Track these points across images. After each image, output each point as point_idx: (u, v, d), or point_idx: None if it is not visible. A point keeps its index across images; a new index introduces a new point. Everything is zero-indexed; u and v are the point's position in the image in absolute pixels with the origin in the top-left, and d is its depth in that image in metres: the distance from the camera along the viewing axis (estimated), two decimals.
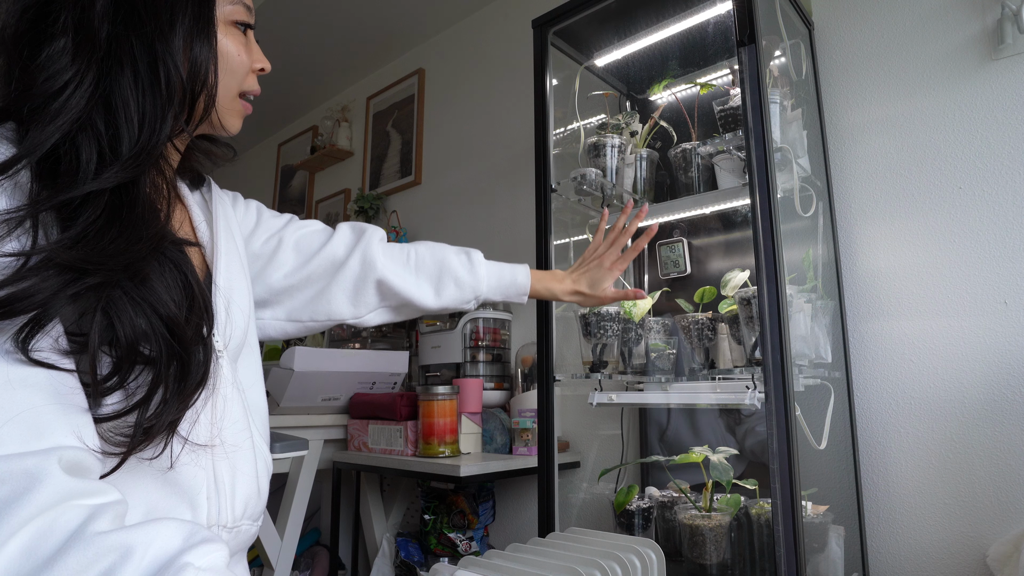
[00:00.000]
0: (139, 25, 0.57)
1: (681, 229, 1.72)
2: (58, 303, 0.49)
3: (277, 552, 1.71)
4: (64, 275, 0.50)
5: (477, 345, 2.02)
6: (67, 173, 0.53)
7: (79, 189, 0.53)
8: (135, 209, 0.56)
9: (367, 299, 0.93)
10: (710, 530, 1.29)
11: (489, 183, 2.41)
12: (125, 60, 0.57)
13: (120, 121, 0.56)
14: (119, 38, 0.57)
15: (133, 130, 0.57)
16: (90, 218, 0.53)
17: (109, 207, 0.54)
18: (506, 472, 1.71)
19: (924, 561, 1.33)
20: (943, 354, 1.36)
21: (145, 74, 0.58)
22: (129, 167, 0.56)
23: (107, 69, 0.56)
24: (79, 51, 0.55)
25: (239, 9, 0.68)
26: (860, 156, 1.52)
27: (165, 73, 0.58)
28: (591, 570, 0.78)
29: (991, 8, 1.37)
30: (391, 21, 2.71)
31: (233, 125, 0.71)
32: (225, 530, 0.64)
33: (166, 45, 0.58)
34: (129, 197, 0.56)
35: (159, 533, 0.43)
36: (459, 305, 1.01)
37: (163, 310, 0.55)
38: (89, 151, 0.54)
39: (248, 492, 0.68)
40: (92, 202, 0.54)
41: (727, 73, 1.59)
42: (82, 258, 0.50)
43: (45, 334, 0.49)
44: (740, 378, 1.28)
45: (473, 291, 1.01)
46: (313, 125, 3.40)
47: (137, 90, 0.57)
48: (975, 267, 1.34)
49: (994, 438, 1.28)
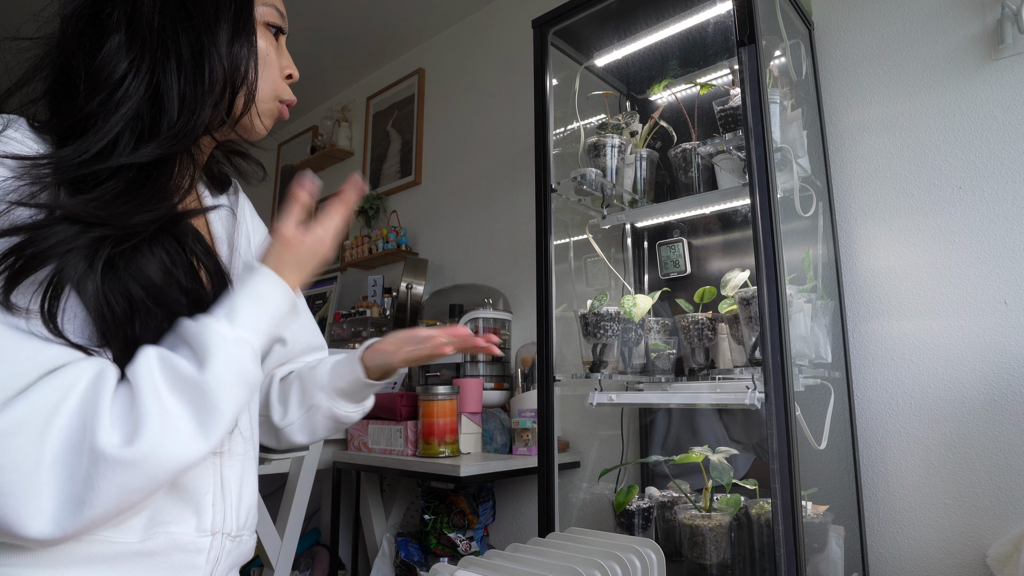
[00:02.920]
0: (187, 19, 0.61)
1: (681, 229, 1.72)
2: (70, 256, 0.52)
3: (277, 552, 1.71)
4: (75, 225, 0.52)
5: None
6: (101, 154, 0.56)
7: (114, 161, 0.56)
8: (157, 183, 0.60)
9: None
10: (710, 530, 1.29)
11: (489, 183, 2.41)
12: (171, 50, 0.61)
13: (162, 104, 0.60)
14: (166, 30, 0.61)
15: (173, 114, 0.60)
16: (112, 186, 0.56)
17: (134, 179, 0.58)
18: (506, 472, 1.70)
19: (924, 561, 1.33)
20: (943, 354, 1.36)
21: (189, 62, 0.61)
22: (164, 146, 0.59)
23: (157, 60, 0.60)
24: (132, 43, 0.59)
25: (272, 12, 0.70)
26: (860, 156, 1.52)
27: (209, 64, 0.62)
28: (591, 570, 0.78)
29: (991, 8, 1.37)
30: (391, 21, 2.71)
31: (265, 124, 0.73)
32: (229, 538, 0.64)
33: (212, 38, 0.62)
34: (156, 172, 0.60)
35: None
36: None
37: (152, 279, 0.57)
38: (130, 135, 0.58)
39: (251, 502, 0.68)
40: (120, 173, 0.57)
41: (727, 73, 1.59)
42: (92, 212, 0.53)
43: (68, 320, 0.52)
44: (740, 378, 1.28)
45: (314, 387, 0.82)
46: (313, 125, 3.40)
47: (180, 77, 0.61)
48: (975, 267, 1.34)
49: (994, 438, 1.28)
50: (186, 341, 0.55)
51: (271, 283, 0.60)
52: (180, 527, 0.60)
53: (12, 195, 0.52)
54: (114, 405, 0.50)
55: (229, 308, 0.57)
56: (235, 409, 0.55)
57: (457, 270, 2.47)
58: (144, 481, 0.50)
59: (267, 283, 0.60)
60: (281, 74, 0.72)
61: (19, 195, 0.52)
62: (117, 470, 0.48)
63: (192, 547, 0.60)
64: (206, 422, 0.52)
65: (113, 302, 0.54)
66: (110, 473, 0.48)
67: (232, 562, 0.66)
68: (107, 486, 0.48)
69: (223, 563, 0.64)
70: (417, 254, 2.63)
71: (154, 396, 0.51)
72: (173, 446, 0.50)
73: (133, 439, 0.49)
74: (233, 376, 0.54)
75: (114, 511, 0.50)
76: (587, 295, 1.54)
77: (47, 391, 0.48)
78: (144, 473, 0.49)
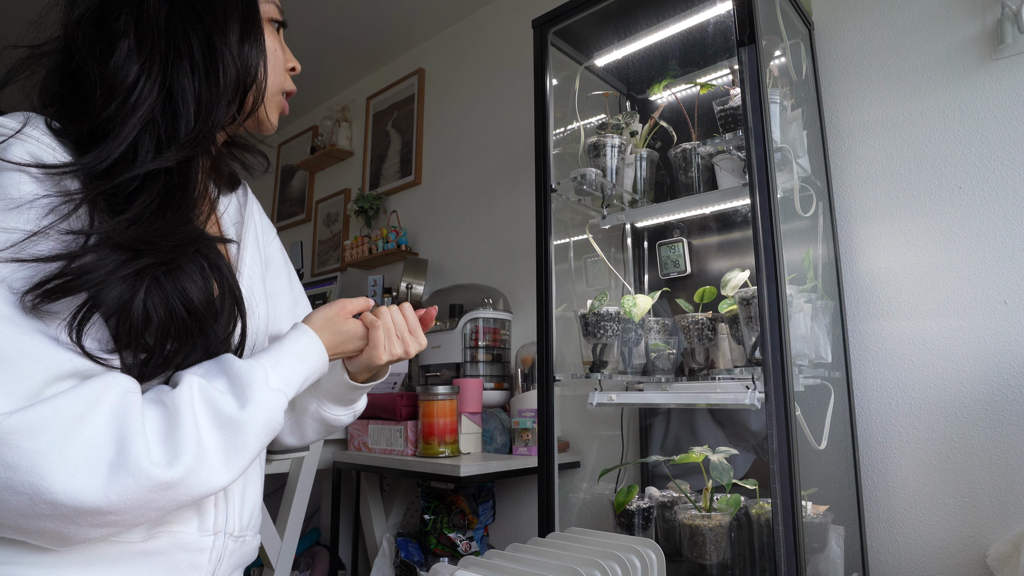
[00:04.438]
0: (196, 20, 0.62)
1: (681, 229, 1.72)
2: (113, 283, 0.52)
3: (277, 552, 1.71)
4: (120, 254, 0.53)
5: (477, 345, 2.01)
6: (123, 160, 0.57)
7: (138, 169, 0.56)
8: (187, 191, 0.60)
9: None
10: (710, 530, 1.29)
11: (489, 183, 2.41)
12: (183, 52, 0.61)
13: (179, 108, 0.60)
14: (176, 32, 0.61)
15: (190, 116, 0.60)
16: (146, 201, 0.57)
17: (164, 190, 0.58)
18: (506, 472, 1.70)
19: (924, 561, 1.33)
20: (943, 354, 1.36)
21: (202, 64, 0.62)
22: (187, 147, 0.60)
23: (168, 61, 0.60)
24: (142, 46, 0.59)
25: (272, 8, 0.71)
26: (860, 156, 1.52)
27: (223, 65, 0.62)
28: (591, 570, 0.78)
29: (991, 8, 1.37)
30: (391, 21, 2.71)
31: (275, 120, 0.74)
32: (232, 538, 0.64)
33: (224, 38, 0.63)
34: (183, 179, 0.60)
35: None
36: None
37: (194, 300, 0.58)
38: (149, 139, 0.58)
39: (255, 503, 0.68)
40: (149, 186, 0.57)
41: (727, 73, 1.59)
42: (138, 238, 0.54)
43: (92, 327, 0.52)
44: (740, 378, 1.28)
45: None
46: (313, 125, 3.40)
47: (194, 79, 0.61)
48: (975, 267, 1.34)
49: (994, 438, 1.28)
50: (228, 377, 0.57)
51: (314, 346, 0.66)
52: (183, 526, 0.60)
53: (50, 216, 0.52)
54: (147, 425, 0.51)
55: (275, 359, 0.62)
56: (258, 450, 0.58)
57: (457, 270, 2.47)
58: (170, 502, 0.52)
59: (311, 345, 0.66)
60: (285, 68, 0.74)
61: (57, 215, 0.52)
62: (152, 487, 0.50)
63: (195, 546, 0.60)
64: (233, 458, 0.55)
65: (152, 314, 0.55)
66: (145, 489, 0.49)
67: (235, 562, 0.66)
68: (135, 499, 0.49)
69: (226, 563, 0.64)
70: (417, 254, 2.63)
71: (193, 426, 0.53)
72: (203, 475, 0.53)
73: (173, 462, 0.51)
74: (265, 420, 0.57)
75: (131, 523, 0.51)
76: (587, 295, 1.54)
77: (72, 399, 0.49)
78: (173, 495, 0.51)
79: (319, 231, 3.25)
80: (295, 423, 0.81)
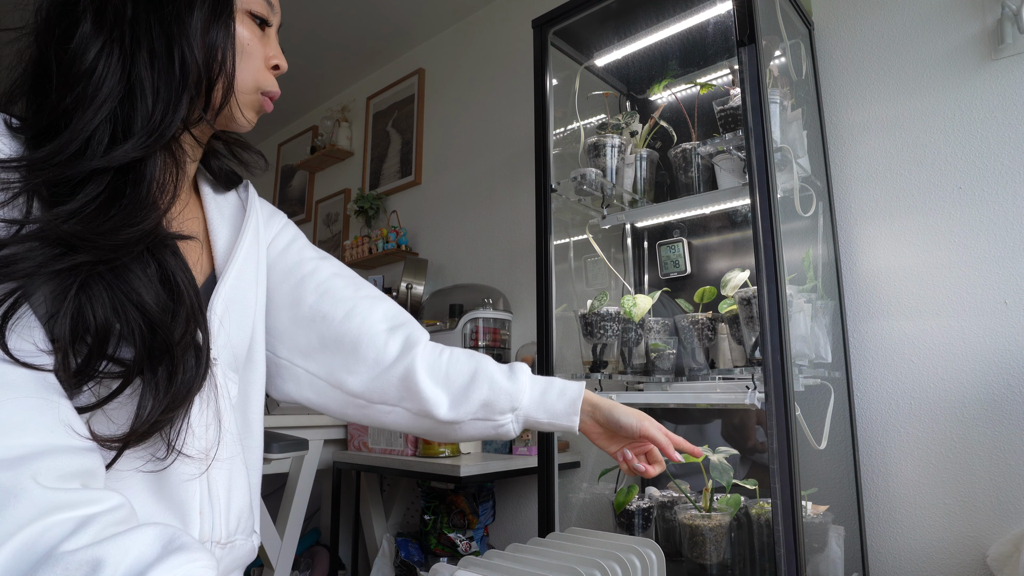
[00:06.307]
0: (158, 7, 0.58)
1: (681, 229, 1.72)
2: (40, 278, 0.48)
3: (277, 552, 1.71)
4: (53, 248, 0.49)
5: (477, 345, 2.01)
6: (75, 151, 0.53)
7: (85, 165, 0.53)
8: (139, 190, 0.56)
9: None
10: (710, 530, 1.29)
11: (489, 183, 2.41)
12: (143, 40, 0.57)
13: (135, 100, 0.56)
14: (138, 19, 0.57)
15: (147, 109, 0.56)
16: (91, 194, 0.52)
17: (112, 185, 0.54)
18: (506, 472, 1.70)
19: (924, 561, 1.33)
20: (943, 354, 1.36)
21: (161, 54, 0.58)
22: (139, 146, 0.55)
23: (128, 50, 0.57)
24: (99, 30, 0.56)
25: (256, 1, 0.67)
26: (860, 156, 1.52)
27: (180, 55, 0.58)
28: (591, 570, 0.78)
29: (991, 8, 1.37)
30: (391, 21, 2.71)
31: (248, 118, 0.69)
32: (219, 546, 0.63)
33: (182, 27, 0.58)
34: (135, 176, 0.56)
35: (136, 542, 0.42)
36: (485, 430, 0.83)
37: (142, 305, 0.53)
38: (102, 130, 0.54)
39: (241, 506, 0.66)
40: (95, 179, 0.53)
41: (727, 73, 1.59)
42: (74, 233, 0.50)
43: (23, 327, 0.48)
44: (740, 378, 1.28)
45: (510, 400, 0.82)
46: (313, 125, 3.40)
47: (153, 70, 0.57)
48: (975, 267, 1.34)
49: (994, 438, 1.28)
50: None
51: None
52: None
53: None
54: None
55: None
56: None
57: (457, 270, 2.47)
58: None
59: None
60: (266, 64, 0.68)
61: None
62: None
63: None
64: None
65: (88, 314, 0.50)
66: None
67: (227, 566, 0.65)
68: None
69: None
70: (417, 254, 2.63)
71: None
72: None
73: None
74: None
75: None
76: (587, 295, 1.54)
77: None
78: None
79: (319, 231, 3.26)
80: (472, 427, 0.82)
